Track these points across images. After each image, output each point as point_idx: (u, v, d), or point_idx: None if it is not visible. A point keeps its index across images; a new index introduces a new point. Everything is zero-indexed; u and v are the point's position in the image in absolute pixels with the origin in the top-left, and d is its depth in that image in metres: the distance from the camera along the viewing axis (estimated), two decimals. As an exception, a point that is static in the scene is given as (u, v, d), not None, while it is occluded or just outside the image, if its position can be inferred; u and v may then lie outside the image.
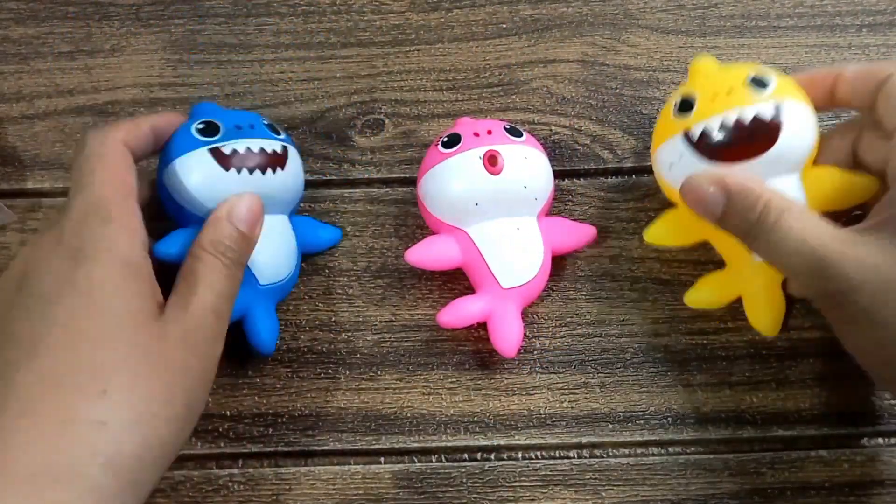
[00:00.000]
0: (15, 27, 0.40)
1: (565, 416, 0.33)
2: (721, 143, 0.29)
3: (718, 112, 0.29)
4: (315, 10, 0.40)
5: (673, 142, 0.30)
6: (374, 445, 0.33)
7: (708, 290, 0.32)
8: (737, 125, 0.28)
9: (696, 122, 0.29)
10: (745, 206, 0.27)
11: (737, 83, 0.29)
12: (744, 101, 0.29)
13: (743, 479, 0.32)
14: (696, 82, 0.31)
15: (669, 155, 0.30)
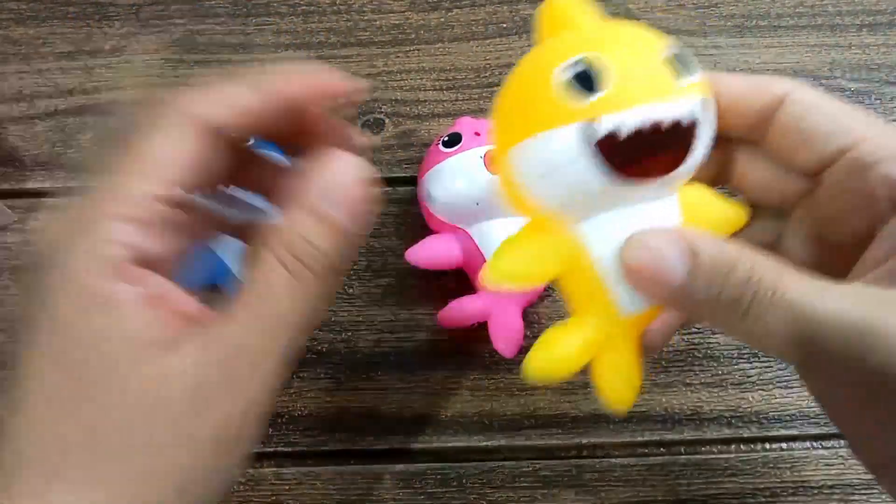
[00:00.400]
0: (15, 27, 0.40)
1: (565, 417, 0.33)
2: (638, 151, 0.19)
3: (642, 102, 0.19)
4: (315, 9, 0.40)
5: (558, 137, 0.19)
6: (374, 445, 0.33)
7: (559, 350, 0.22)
8: (671, 124, 0.19)
9: (607, 111, 0.19)
10: (718, 274, 0.20)
11: (658, 56, 0.20)
12: (672, 92, 0.19)
13: (743, 479, 0.32)
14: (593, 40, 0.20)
15: (549, 155, 0.20)
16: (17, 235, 0.36)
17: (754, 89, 0.23)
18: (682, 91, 0.19)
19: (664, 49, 0.20)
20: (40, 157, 0.38)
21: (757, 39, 0.39)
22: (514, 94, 0.21)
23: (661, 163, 0.20)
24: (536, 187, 0.20)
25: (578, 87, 0.19)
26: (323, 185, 0.20)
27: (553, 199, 0.21)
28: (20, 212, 0.37)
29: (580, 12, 0.22)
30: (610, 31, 0.21)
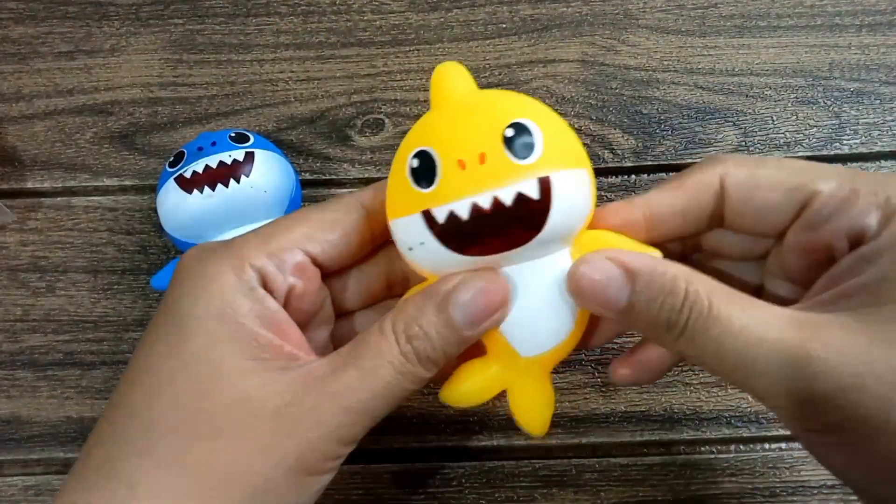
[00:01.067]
0: (14, 27, 0.40)
1: (565, 417, 0.33)
2: (474, 234, 0.21)
3: (469, 192, 0.21)
4: (315, 9, 0.40)
5: (411, 221, 0.21)
6: (374, 445, 0.33)
7: (467, 390, 0.25)
8: (495, 209, 0.20)
9: (440, 202, 0.21)
10: (660, 293, 0.21)
11: (491, 141, 0.21)
12: (501, 176, 0.21)
13: (742, 479, 0.32)
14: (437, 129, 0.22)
15: (408, 236, 0.22)
16: (16, 235, 0.36)
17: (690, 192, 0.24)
18: (513, 173, 0.21)
19: (502, 128, 0.21)
20: (39, 157, 0.38)
21: (756, 39, 0.39)
22: (392, 173, 0.23)
23: (500, 241, 0.21)
24: (411, 258, 0.23)
25: (419, 179, 0.21)
26: (455, 286, 0.22)
27: (430, 268, 0.23)
28: (19, 211, 0.37)
29: (453, 86, 0.23)
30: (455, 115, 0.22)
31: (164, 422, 0.21)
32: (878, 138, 0.37)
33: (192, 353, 0.21)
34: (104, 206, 0.37)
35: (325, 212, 0.24)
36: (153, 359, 0.22)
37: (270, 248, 0.23)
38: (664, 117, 0.38)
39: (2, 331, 0.35)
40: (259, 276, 0.22)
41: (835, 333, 0.19)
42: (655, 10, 0.40)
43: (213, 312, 0.21)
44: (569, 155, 0.22)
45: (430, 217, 0.21)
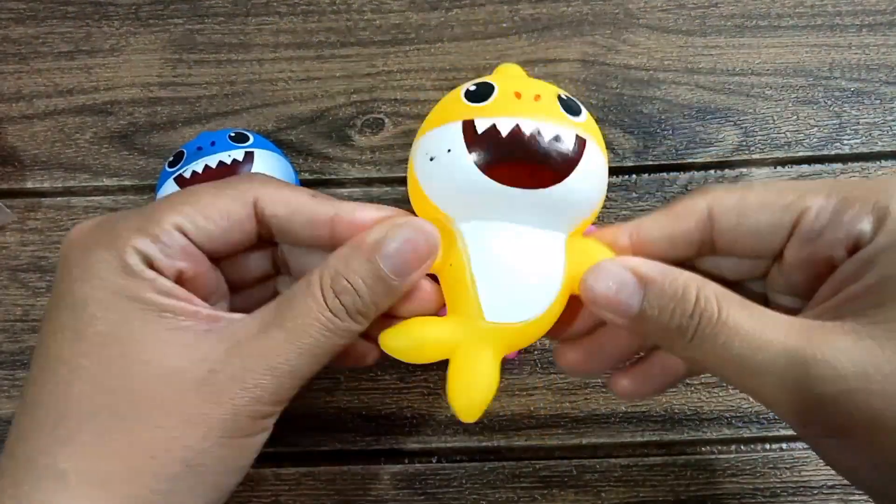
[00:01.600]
0: (14, 27, 0.40)
1: (566, 417, 0.33)
2: (506, 153, 0.22)
3: (518, 113, 0.22)
4: (314, 9, 0.40)
5: (447, 128, 0.22)
6: (373, 446, 0.33)
7: (410, 339, 0.23)
8: (533, 138, 0.21)
9: (487, 115, 0.22)
10: (672, 299, 0.21)
11: (548, 93, 0.23)
12: (551, 114, 0.22)
13: (743, 479, 0.32)
14: (501, 76, 0.24)
15: (437, 143, 0.22)
16: (16, 235, 0.36)
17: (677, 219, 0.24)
18: (560, 118, 0.22)
19: (558, 93, 0.23)
20: (39, 157, 0.38)
21: (757, 39, 0.39)
22: (438, 104, 0.24)
23: (523, 172, 0.22)
24: (425, 175, 0.23)
25: (472, 96, 0.23)
26: (381, 237, 0.22)
27: (437, 188, 0.23)
28: (19, 211, 0.37)
29: (517, 70, 0.25)
30: (520, 75, 0.25)
31: (82, 407, 0.20)
32: (878, 138, 0.37)
33: (101, 332, 0.21)
34: (104, 206, 0.37)
35: (216, 197, 0.23)
36: (60, 346, 0.21)
37: (151, 230, 0.22)
38: (665, 117, 0.37)
39: (2, 331, 0.35)
40: (145, 259, 0.22)
41: (840, 337, 0.19)
42: (656, 9, 0.40)
43: (112, 291, 0.21)
44: (601, 140, 0.24)
45: (470, 126, 0.22)
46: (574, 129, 0.22)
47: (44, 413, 0.21)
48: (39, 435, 0.20)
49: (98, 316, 0.21)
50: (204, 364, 0.21)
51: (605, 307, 0.22)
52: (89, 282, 0.21)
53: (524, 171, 0.22)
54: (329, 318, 0.21)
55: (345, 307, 0.21)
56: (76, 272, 0.21)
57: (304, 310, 0.21)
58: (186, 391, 0.20)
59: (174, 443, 0.20)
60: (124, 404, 0.20)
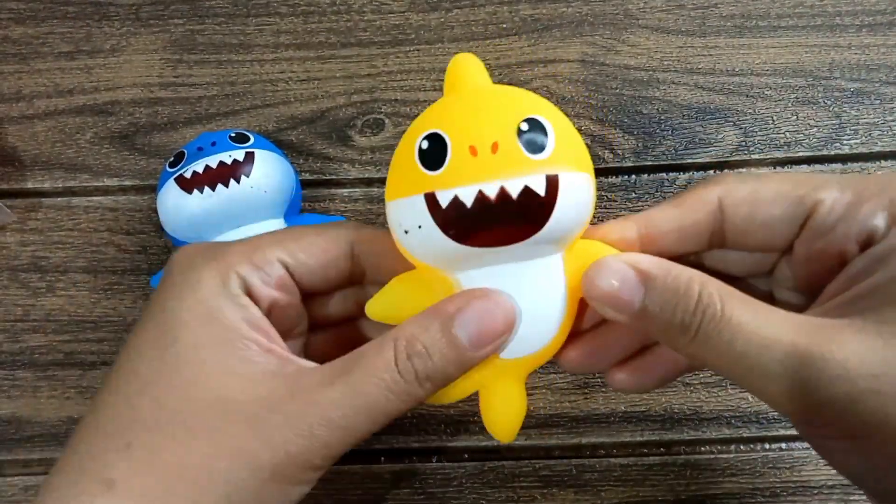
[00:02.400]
0: (15, 27, 0.40)
1: (565, 417, 0.33)
2: (476, 222, 0.21)
3: (478, 178, 0.20)
4: (315, 9, 0.40)
5: (412, 203, 0.21)
6: (373, 445, 0.33)
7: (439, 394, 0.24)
8: (501, 199, 0.20)
9: (446, 185, 0.21)
10: (674, 296, 0.21)
11: (505, 132, 0.21)
12: (513, 166, 0.20)
13: (743, 479, 0.32)
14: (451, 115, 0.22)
15: (406, 217, 0.22)
16: (17, 235, 0.36)
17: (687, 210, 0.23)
18: (524, 166, 0.21)
19: (518, 120, 0.21)
20: (40, 157, 0.38)
21: (757, 39, 0.39)
22: (396, 154, 0.23)
23: (500, 234, 0.21)
24: (405, 242, 0.22)
25: (427, 161, 0.21)
26: (461, 307, 0.22)
27: (421, 255, 0.22)
28: (19, 211, 0.37)
29: (470, 76, 0.23)
30: (472, 106, 0.22)
31: (143, 421, 0.21)
32: (878, 138, 0.37)
33: (177, 353, 0.21)
34: (104, 206, 0.37)
35: (317, 236, 0.24)
36: (138, 360, 0.22)
37: (256, 259, 0.23)
38: (664, 117, 0.38)
39: (2, 331, 0.35)
40: (243, 285, 0.22)
41: (849, 336, 0.19)
42: (656, 10, 0.40)
43: (199, 315, 0.22)
44: (577, 157, 0.22)
45: (432, 200, 0.21)
46: (542, 170, 0.21)
47: (106, 420, 0.21)
48: (98, 439, 0.21)
49: (180, 338, 0.21)
50: (264, 402, 0.21)
51: (607, 304, 0.22)
52: (184, 300, 0.22)
53: (500, 232, 0.21)
54: (395, 379, 0.21)
55: (415, 370, 0.21)
56: (176, 287, 0.22)
57: (372, 368, 0.21)
58: (239, 423, 0.20)
59: (218, 474, 0.20)
60: (181, 426, 0.21)
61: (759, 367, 0.20)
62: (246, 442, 0.20)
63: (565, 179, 0.21)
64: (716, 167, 0.37)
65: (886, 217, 0.21)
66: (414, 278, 0.23)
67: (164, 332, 0.22)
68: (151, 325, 0.22)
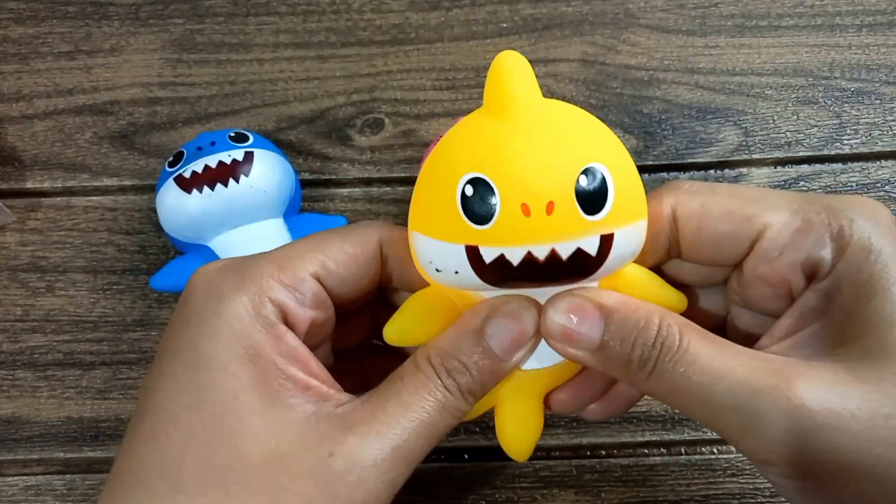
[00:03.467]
0: (14, 27, 0.40)
1: (565, 417, 0.33)
2: (519, 277, 0.20)
3: (528, 240, 0.19)
4: (314, 9, 0.40)
5: (451, 250, 0.20)
6: (373, 446, 0.33)
7: None
8: (550, 261, 0.19)
9: (492, 243, 0.19)
10: (634, 328, 0.20)
11: (563, 190, 0.19)
12: (566, 231, 0.19)
13: (743, 479, 0.32)
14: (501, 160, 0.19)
15: (440, 259, 0.20)
16: (16, 235, 0.36)
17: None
18: (579, 229, 0.19)
19: (575, 176, 0.19)
20: (39, 157, 0.38)
21: (757, 39, 0.39)
22: (429, 181, 0.21)
23: (559, 281, 0.20)
24: (436, 278, 0.21)
25: (471, 212, 0.19)
26: (486, 316, 0.21)
27: (448, 284, 0.21)
28: (19, 211, 0.37)
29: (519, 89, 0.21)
30: (524, 140, 0.20)
31: (195, 481, 0.19)
32: (878, 138, 0.37)
33: (218, 402, 0.20)
34: (104, 206, 0.37)
35: (344, 241, 0.22)
36: (177, 408, 0.20)
37: (288, 279, 0.21)
38: (665, 117, 0.37)
39: (2, 331, 0.35)
40: (279, 311, 0.21)
41: (809, 373, 0.19)
42: (656, 9, 0.40)
43: (235, 354, 0.20)
44: (634, 208, 0.20)
45: (475, 253, 0.19)
46: (597, 231, 0.19)
47: (156, 479, 0.19)
48: (146, 498, 0.19)
49: (218, 382, 0.20)
50: (320, 448, 0.19)
51: (565, 341, 0.21)
52: (216, 337, 0.20)
53: (542, 283, 0.20)
54: (445, 395, 0.21)
55: (458, 385, 0.21)
56: (203, 322, 0.20)
57: (419, 387, 0.20)
58: (301, 479, 0.19)
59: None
60: (236, 486, 0.19)
61: (714, 400, 0.19)
62: (310, 497, 0.19)
63: (620, 236, 0.20)
64: (716, 167, 0.37)
65: (832, 249, 0.21)
66: (431, 297, 0.23)
67: (198, 375, 0.20)
68: (183, 366, 0.20)
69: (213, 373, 0.20)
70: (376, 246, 0.23)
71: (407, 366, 0.21)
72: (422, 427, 0.20)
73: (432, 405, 0.20)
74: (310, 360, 0.21)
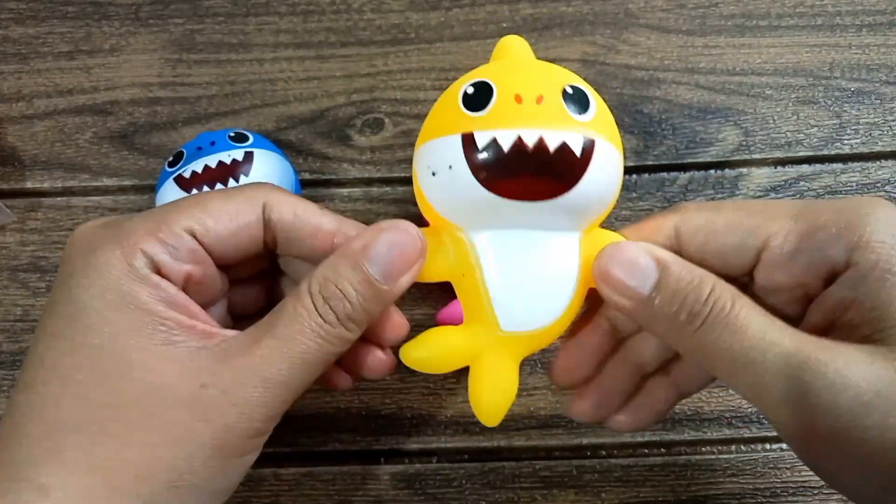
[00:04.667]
0: (14, 27, 0.40)
1: (565, 417, 0.33)
2: (509, 168, 0.21)
3: (519, 123, 0.21)
4: (314, 9, 0.40)
5: (447, 142, 0.21)
6: (373, 446, 0.33)
7: (430, 350, 0.24)
8: (538, 149, 0.20)
9: (486, 127, 0.21)
10: (688, 285, 0.21)
11: (552, 89, 0.21)
12: (554, 119, 0.21)
13: (743, 479, 0.32)
14: (500, 70, 0.23)
15: (437, 157, 0.22)
16: (16, 235, 0.36)
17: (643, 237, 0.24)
18: (565, 122, 0.21)
19: (563, 83, 0.22)
20: (39, 157, 0.38)
21: (757, 39, 0.39)
22: (436, 105, 0.23)
23: (529, 185, 0.21)
24: (429, 188, 0.22)
25: (470, 103, 0.21)
26: (367, 242, 0.21)
27: (442, 202, 0.22)
28: (19, 211, 0.37)
29: (518, 50, 0.24)
30: (521, 65, 0.23)
31: (71, 421, 0.20)
32: (878, 138, 0.37)
33: (95, 346, 0.20)
34: (104, 206, 0.37)
35: (225, 200, 0.23)
36: (53, 356, 0.21)
37: (162, 234, 0.21)
38: (665, 117, 0.37)
39: (2, 331, 0.35)
40: (151, 263, 0.21)
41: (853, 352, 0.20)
42: (656, 9, 0.40)
43: (110, 303, 0.20)
44: (612, 132, 0.22)
45: (469, 140, 0.21)
46: (581, 131, 0.21)
47: (31, 424, 0.20)
48: (25, 446, 0.20)
49: (94, 327, 0.20)
50: (195, 380, 0.20)
51: (618, 288, 0.22)
52: (90, 287, 0.21)
53: (530, 184, 0.21)
54: (320, 324, 0.21)
55: (335, 313, 0.21)
56: (78, 275, 0.21)
57: (295, 318, 0.21)
58: (175, 408, 0.20)
59: (160, 462, 0.20)
60: (113, 421, 0.20)
61: (760, 367, 0.20)
62: (182, 424, 0.20)
63: (601, 146, 0.21)
64: (716, 167, 0.37)
65: (844, 245, 0.21)
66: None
67: (74, 323, 0.20)
68: (60, 317, 0.21)
69: (87, 320, 0.20)
70: (259, 206, 0.23)
71: (289, 297, 0.22)
72: (296, 356, 0.21)
73: (309, 337, 0.21)
74: (190, 305, 0.22)
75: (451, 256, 0.23)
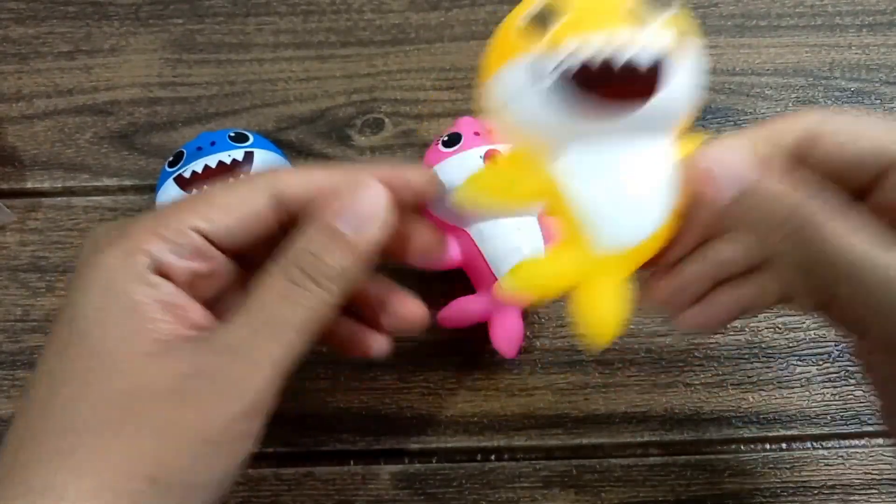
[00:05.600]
0: (15, 27, 0.40)
1: (565, 417, 0.33)
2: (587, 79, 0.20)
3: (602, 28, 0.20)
4: (314, 9, 0.40)
5: (516, 67, 0.20)
6: (373, 446, 0.33)
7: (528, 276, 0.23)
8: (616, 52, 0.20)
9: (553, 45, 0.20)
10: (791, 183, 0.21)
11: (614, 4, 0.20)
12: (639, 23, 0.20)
13: (743, 479, 0.32)
14: None
15: (515, 80, 0.21)
16: (16, 235, 0.36)
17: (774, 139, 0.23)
18: (646, 21, 0.20)
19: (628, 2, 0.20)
20: (39, 157, 0.38)
21: (757, 39, 0.39)
22: (496, 37, 0.22)
23: (618, 90, 0.20)
24: (506, 115, 0.21)
25: (535, 25, 0.20)
26: (339, 205, 0.22)
27: (521, 130, 0.22)
28: (19, 212, 0.37)
29: None
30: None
31: (58, 423, 0.20)
32: (878, 138, 0.37)
33: (88, 348, 0.21)
34: (104, 206, 0.37)
35: (229, 193, 0.23)
36: (50, 359, 0.21)
37: (165, 233, 0.22)
38: (664, 117, 0.37)
39: (2, 331, 0.35)
40: (152, 262, 0.21)
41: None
42: (656, 9, 0.40)
43: (106, 304, 0.21)
44: (693, 28, 0.22)
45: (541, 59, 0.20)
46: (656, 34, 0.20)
47: (23, 427, 0.21)
48: (19, 448, 0.20)
49: (87, 332, 0.21)
50: (177, 371, 0.20)
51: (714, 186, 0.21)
52: (87, 289, 0.21)
53: (619, 88, 0.20)
54: (291, 288, 0.21)
55: (308, 274, 0.21)
56: (80, 276, 0.21)
57: (268, 289, 0.21)
58: (157, 401, 0.20)
59: (142, 459, 0.20)
60: (99, 421, 0.20)
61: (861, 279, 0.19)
62: (164, 417, 0.20)
63: (686, 43, 0.21)
64: (716, 167, 0.37)
65: None
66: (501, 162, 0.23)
67: (71, 326, 0.21)
68: (63, 323, 0.21)
69: (83, 322, 0.21)
70: (266, 191, 0.23)
71: (263, 273, 0.21)
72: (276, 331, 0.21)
73: (285, 306, 0.21)
74: (189, 305, 0.22)
75: (539, 181, 0.22)
